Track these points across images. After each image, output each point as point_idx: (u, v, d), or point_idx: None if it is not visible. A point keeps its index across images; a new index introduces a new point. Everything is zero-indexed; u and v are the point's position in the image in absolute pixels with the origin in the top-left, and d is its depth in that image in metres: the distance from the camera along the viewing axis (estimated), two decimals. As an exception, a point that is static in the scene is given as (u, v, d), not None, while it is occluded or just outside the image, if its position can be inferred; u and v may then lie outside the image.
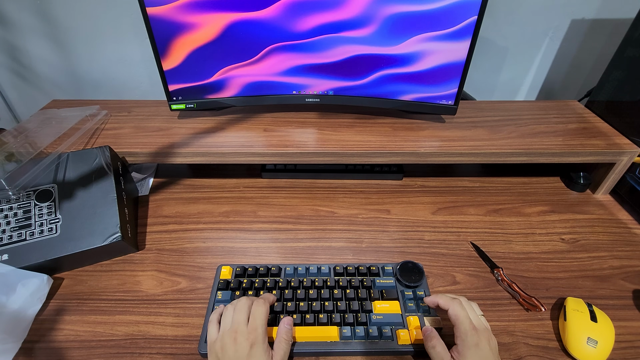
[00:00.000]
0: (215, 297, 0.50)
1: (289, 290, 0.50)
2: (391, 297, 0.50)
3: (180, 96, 0.69)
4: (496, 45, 0.91)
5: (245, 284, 0.51)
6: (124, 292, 0.54)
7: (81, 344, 0.47)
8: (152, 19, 0.60)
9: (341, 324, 0.47)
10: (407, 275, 0.52)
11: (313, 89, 0.70)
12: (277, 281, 0.51)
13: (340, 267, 0.53)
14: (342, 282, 0.51)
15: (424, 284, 0.52)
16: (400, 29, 0.61)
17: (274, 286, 0.51)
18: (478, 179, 0.75)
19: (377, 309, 0.48)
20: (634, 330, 0.49)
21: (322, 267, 0.53)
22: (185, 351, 0.46)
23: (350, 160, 0.66)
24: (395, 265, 0.54)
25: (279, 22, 0.62)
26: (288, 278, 0.52)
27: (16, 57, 0.94)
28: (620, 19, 0.85)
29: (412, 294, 0.50)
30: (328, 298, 0.49)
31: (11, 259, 0.52)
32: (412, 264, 0.53)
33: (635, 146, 0.66)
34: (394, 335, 0.46)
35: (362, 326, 0.47)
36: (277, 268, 0.53)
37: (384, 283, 0.52)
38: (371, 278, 0.52)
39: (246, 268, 0.53)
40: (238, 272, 0.53)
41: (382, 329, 0.46)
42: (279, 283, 0.51)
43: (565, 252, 0.60)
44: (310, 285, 0.51)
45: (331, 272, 0.53)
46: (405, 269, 0.53)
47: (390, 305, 0.49)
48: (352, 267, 0.53)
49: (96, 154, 0.62)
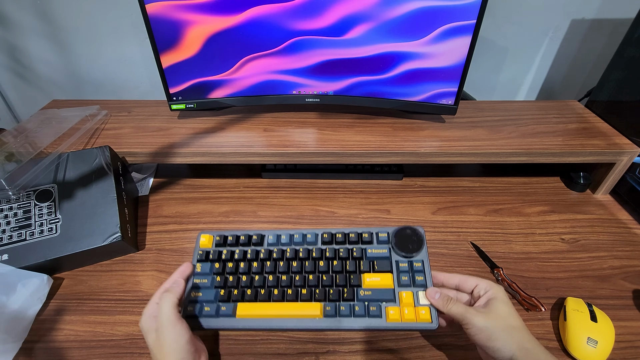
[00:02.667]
0: (194, 270, 0.47)
1: (271, 262, 0.46)
2: (383, 269, 0.45)
3: (180, 96, 0.69)
4: (496, 45, 0.91)
5: (225, 255, 0.47)
6: (124, 292, 0.54)
7: (81, 344, 0.47)
8: (152, 18, 0.60)
9: (325, 299, 0.43)
10: (404, 244, 0.45)
11: (313, 89, 0.70)
12: (259, 252, 0.47)
13: (328, 235, 0.48)
14: (329, 253, 0.47)
15: (424, 253, 0.45)
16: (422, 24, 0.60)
17: (255, 257, 0.47)
18: (478, 179, 0.75)
19: (367, 283, 0.44)
20: (634, 330, 0.49)
21: (307, 234, 0.48)
22: (185, 351, 0.46)
23: (350, 160, 0.66)
24: (391, 232, 0.47)
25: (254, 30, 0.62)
26: (270, 247, 0.48)
27: (16, 57, 0.94)
28: (620, 19, 0.85)
29: (407, 266, 0.45)
30: (312, 271, 0.45)
31: (11, 259, 0.52)
32: (410, 230, 0.46)
33: (635, 146, 0.66)
34: (382, 313, 0.42)
35: (349, 302, 0.43)
36: (259, 236, 0.48)
37: (377, 253, 0.46)
38: (362, 247, 0.47)
39: (226, 236, 0.49)
40: (218, 240, 0.49)
41: (370, 306, 0.42)
42: (260, 254, 0.47)
43: (565, 252, 0.60)
44: (293, 257, 0.46)
45: (318, 240, 0.48)
46: (402, 235, 0.46)
47: (382, 279, 0.44)
48: (342, 234, 0.48)
49: (96, 154, 0.62)
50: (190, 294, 0.45)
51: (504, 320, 0.36)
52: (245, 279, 0.46)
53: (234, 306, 0.44)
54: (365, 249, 0.47)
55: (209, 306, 0.44)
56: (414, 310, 0.42)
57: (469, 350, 0.46)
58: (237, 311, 0.43)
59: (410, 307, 0.42)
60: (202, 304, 0.44)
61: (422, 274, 0.44)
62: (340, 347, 0.47)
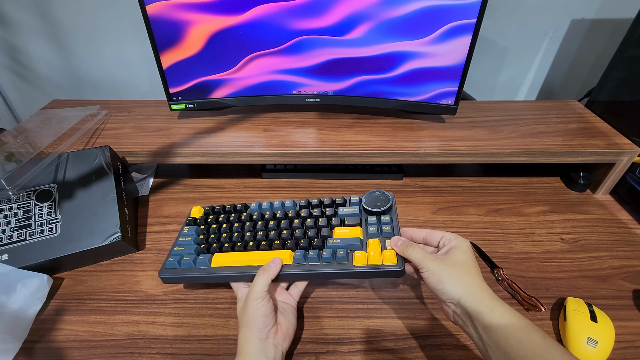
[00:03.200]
0: (182, 231, 0.52)
1: (250, 222, 0.50)
2: (353, 223, 0.47)
3: (180, 96, 0.69)
4: (496, 45, 0.91)
5: (211, 220, 0.52)
6: (124, 292, 0.54)
7: (81, 344, 0.47)
8: (152, 18, 0.60)
9: (296, 248, 0.46)
10: (373, 202, 0.48)
11: (313, 89, 0.70)
12: (241, 216, 0.51)
13: (304, 201, 0.51)
14: (304, 213, 0.50)
15: (393, 211, 0.48)
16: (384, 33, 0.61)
17: (237, 220, 0.50)
18: (478, 179, 0.75)
19: (336, 234, 0.47)
20: (634, 330, 0.49)
21: (286, 202, 0.51)
22: (185, 351, 0.47)
23: (350, 160, 0.66)
24: (362, 196, 0.51)
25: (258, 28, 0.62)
26: (252, 213, 0.51)
27: (16, 57, 0.94)
28: (620, 19, 0.85)
29: (375, 220, 0.47)
30: (287, 227, 0.48)
31: (11, 259, 0.52)
32: (380, 192, 0.50)
33: (635, 146, 0.66)
34: (349, 257, 0.44)
35: (317, 249, 0.45)
36: (243, 205, 0.52)
37: (348, 212, 0.49)
38: (334, 209, 0.50)
39: (215, 207, 0.54)
40: (207, 210, 0.54)
41: (337, 252, 0.44)
42: (241, 216, 0.50)
43: (565, 252, 0.60)
44: (271, 217, 0.50)
45: (297, 206, 0.52)
46: (372, 197, 0.49)
47: (351, 231, 0.47)
48: (317, 200, 0.51)
49: (96, 154, 0.62)
50: (173, 250, 0.49)
51: (458, 267, 0.37)
52: (225, 235, 0.49)
53: (210, 257, 0.47)
54: (337, 209, 0.50)
55: (188, 256, 0.48)
56: (380, 254, 0.43)
57: (469, 350, 0.46)
58: (213, 261, 0.47)
59: (376, 252, 0.44)
60: (181, 256, 0.48)
61: (390, 225, 0.46)
62: (341, 347, 0.47)
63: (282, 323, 0.44)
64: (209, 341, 0.48)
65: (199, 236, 0.51)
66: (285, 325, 0.44)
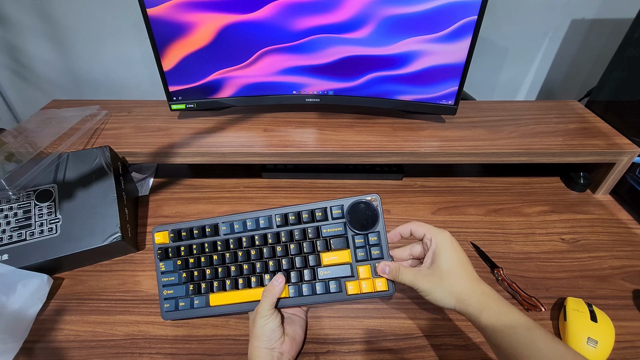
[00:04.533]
0: (159, 269, 0.48)
1: (230, 253, 0.47)
2: (340, 246, 0.45)
3: (180, 96, 0.70)
4: (496, 45, 0.91)
5: (184, 251, 0.48)
6: (124, 292, 0.54)
7: (81, 344, 0.47)
8: (152, 19, 0.60)
9: (289, 282, 0.45)
10: (357, 221, 0.45)
11: (313, 89, 0.70)
12: (215, 243, 0.47)
13: (280, 217, 0.47)
14: (284, 237, 0.46)
15: (380, 225, 0.45)
16: (399, 30, 0.61)
17: (213, 249, 0.47)
18: (478, 179, 0.75)
19: (325, 262, 0.45)
20: (634, 330, 0.49)
21: (260, 218, 0.47)
22: (185, 351, 0.47)
23: (350, 160, 0.66)
24: (345, 206, 0.46)
25: (272, 24, 0.62)
26: (226, 237, 0.48)
27: (16, 57, 0.94)
28: (620, 19, 0.85)
29: (363, 241, 0.45)
30: (271, 256, 0.46)
31: (11, 259, 0.52)
32: (364, 205, 0.46)
33: (635, 146, 0.66)
34: (342, 288, 0.45)
35: (310, 283, 0.45)
36: (213, 227, 0.48)
37: (332, 231, 0.46)
38: (316, 225, 0.46)
39: (180, 230, 0.48)
40: (172, 237, 0.48)
41: (330, 285, 0.44)
42: (217, 246, 0.47)
43: (565, 252, 0.60)
44: (250, 244, 0.47)
45: (273, 223, 0.47)
46: (356, 212, 0.46)
47: (339, 257, 0.45)
48: (294, 214, 0.47)
49: (96, 154, 0.62)
50: (163, 293, 0.47)
51: (445, 277, 0.40)
52: (210, 272, 0.47)
53: (207, 297, 0.46)
54: (320, 227, 0.46)
55: (183, 301, 0.47)
56: (372, 282, 0.44)
57: (469, 350, 0.46)
58: (210, 301, 0.46)
59: (367, 281, 0.45)
60: (176, 301, 0.47)
61: (378, 247, 0.45)
62: (341, 347, 0.47)
63: (290, 334, 0.45)
64: (209, 341, 0.48)
65: (182, 274, 0.47)
66: (293, 335, 0.45)
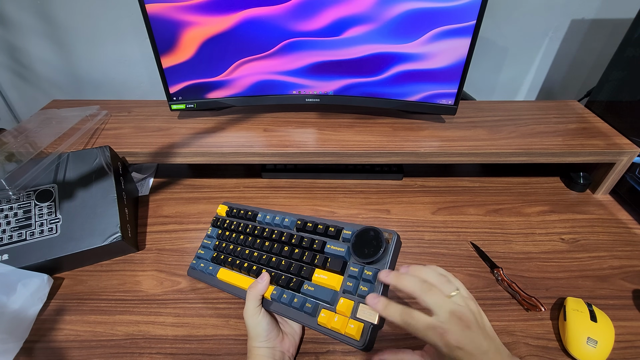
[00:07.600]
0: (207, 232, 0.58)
1: (252, 238, 0.53)
2: (334, 268, 0.44)
3: (181, 96, 0.70)
4: (496, 45, 0.91)
5: (227, 225, 0.57)
6: (124, 292, 0.54)
7: (81, 344, 0.47)
8: (152, 18, 0.60)
9: (277, 283, 0.46)
10: (360, 247, 0.43)
11: (313, 89, 0.70)
12: (248, 226, 0.55)
13: (301, 222, 0.50)
14: (295, 240, 0.49)
15: (382, 263, 0.42)
16: (408, 27, 0.61)
17: (245, 231, 0.54)
18: (478, 179, 0.75)
19: (314, 278, 0.45)
20: (634, 330, 0.49)
21: (286, 218, 0.52)
22: (185, 351, 0.47)
23: (350, 160, 0.66)
24: (355, 231, 0.45)
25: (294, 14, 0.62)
26: (260, 224, 0.54)
27: (16, 57, 0.94)
28: (620, 19, 0.85)
29: (358, 272, 0.42)
30: (277, 253, 0.50)
31: (11, 259, 0.52)
32: (374, 233, 0.43)
33: (635, 146, 0.66)
34: (315, 313, 0.42)
35: (292, 292, 0.45)
36: (254, 213, 0.56)
37: (334, 250, 0.45)
38: (324, 239, 0.47)
39: (233, 208, 0.58)
40: (227, 210, 0.59)
41: (306, 303, 0.43)
42: (248, 228, 0.54)
43: (565, 252, 0.60)
44: (270, 236, 0.52)
45: (293, 225, 0.51)
46: (364, 237, 0.44)
47: (329, 278, 0.44)
48: (312, 223, 0.49)
49: (96, 154, 0.62)
50: (198, 252, 0.56)
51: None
52: (232, 247, 0.54)
53: (218, 269, 0.52)
54: (326, 242, 0.47)
55: (204, 263, 0.54)
56: (346, 321, 0.40)
57: (469, 350, 0.46)
58: (219, 274, 0.51)
59: (342, 317, 0.41)
60: (200, 260, 0.55)
61: (368, 285, 0.41)
62: (341, 347, 0.47)
63: (288, 332, 0.46)
64: (209, 341, 0.48)
65: (216, 241, 0.56)
66: (290, 333, 0.46)
